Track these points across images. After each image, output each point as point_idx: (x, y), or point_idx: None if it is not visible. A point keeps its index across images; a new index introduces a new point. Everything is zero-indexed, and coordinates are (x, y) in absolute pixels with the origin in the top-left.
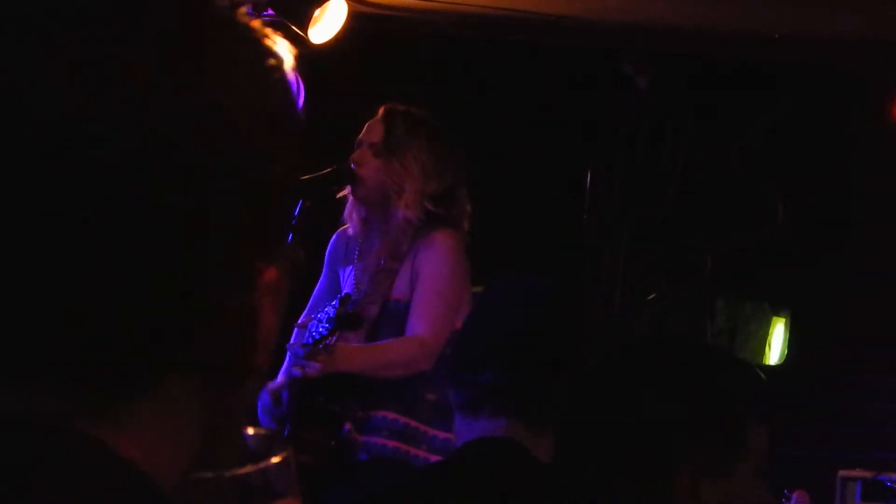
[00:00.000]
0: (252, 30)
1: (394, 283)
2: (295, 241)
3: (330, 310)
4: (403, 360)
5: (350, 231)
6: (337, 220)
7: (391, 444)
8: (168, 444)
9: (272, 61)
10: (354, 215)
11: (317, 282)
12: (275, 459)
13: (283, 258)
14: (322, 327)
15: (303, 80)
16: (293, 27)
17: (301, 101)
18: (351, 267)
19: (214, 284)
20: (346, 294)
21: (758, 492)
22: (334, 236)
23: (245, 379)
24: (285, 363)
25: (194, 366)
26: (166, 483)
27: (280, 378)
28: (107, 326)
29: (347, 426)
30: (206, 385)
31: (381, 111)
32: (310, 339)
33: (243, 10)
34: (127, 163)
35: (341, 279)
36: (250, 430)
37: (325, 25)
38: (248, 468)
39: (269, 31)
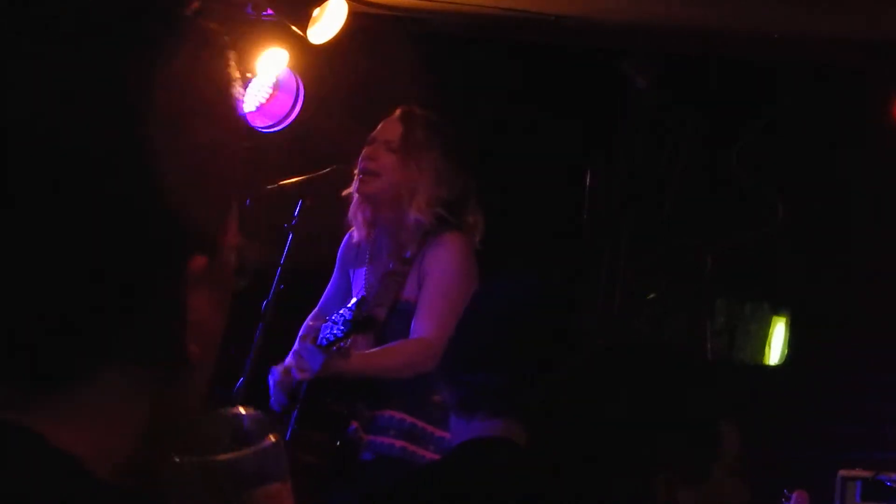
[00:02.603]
0: (200, 28)
1: (403, 285)
2: (250, 240)
3: (346, 312)
4: (409, 363)
5: (355, 235)
6: (337, 220)
7: (399, 444)
8: (110, 433)
9: (217, 61)
10: (359, 217)
11: (326, 281)
12: (267, 442)
13: (222, 251)
14: (337, 329)
15: (302, 79)
16: (293, 27)
17: (300, 102)
18: (363, 269)
19: (144, 274)
20: (362, 297)
21: (732, 491)
22: (346, 236)
23: (183, 369)
24: (294, 347)
25: (129, 355)
26: (108, 470)
27: (289, 359)
28: (35, 317)
29: (354, 425)
30: (145, 375)
31: (398, 111)
32: (323, 341)
33: (199, 12)
34: (57, 152)
35: (352, 281)
36: (243, 411)
37: (325, 25)
38: (244, 451)
39: (225, 35)
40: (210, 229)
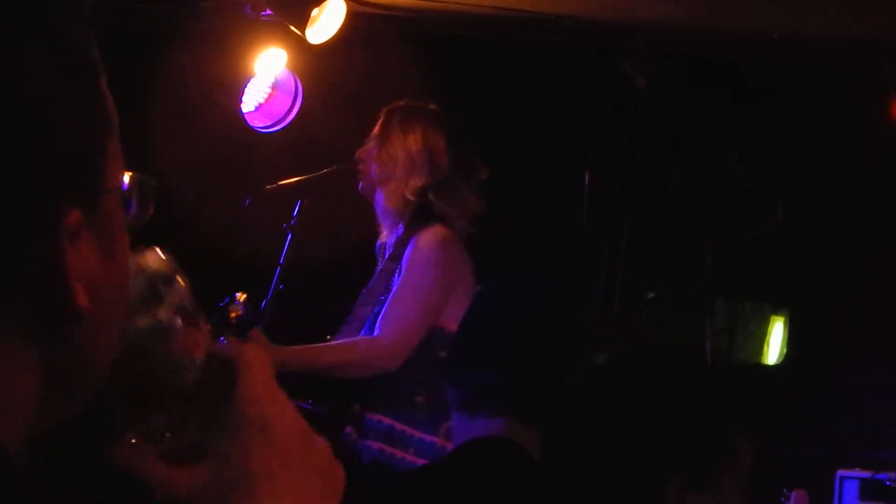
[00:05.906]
0: None
1: (391, 283)
2: (140, 173)
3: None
4: (353, 361)
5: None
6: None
7: (376, 446)
8: (7, 398)
9: (63, 19)
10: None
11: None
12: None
13: (101, 197)
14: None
15: (301, 79)
16: (292, 27)
17: (298, 102)
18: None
19: (14, 228)
20: (232, 297)
21: None
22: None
23: (75, 324)
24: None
25: (13, 314)
26: (11, 435)
27: None
28: None
29: (348, 429)
30: (33, 334)
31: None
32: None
33: None
34: None
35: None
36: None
37: (324, 25)
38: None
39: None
40: (76, 181)
